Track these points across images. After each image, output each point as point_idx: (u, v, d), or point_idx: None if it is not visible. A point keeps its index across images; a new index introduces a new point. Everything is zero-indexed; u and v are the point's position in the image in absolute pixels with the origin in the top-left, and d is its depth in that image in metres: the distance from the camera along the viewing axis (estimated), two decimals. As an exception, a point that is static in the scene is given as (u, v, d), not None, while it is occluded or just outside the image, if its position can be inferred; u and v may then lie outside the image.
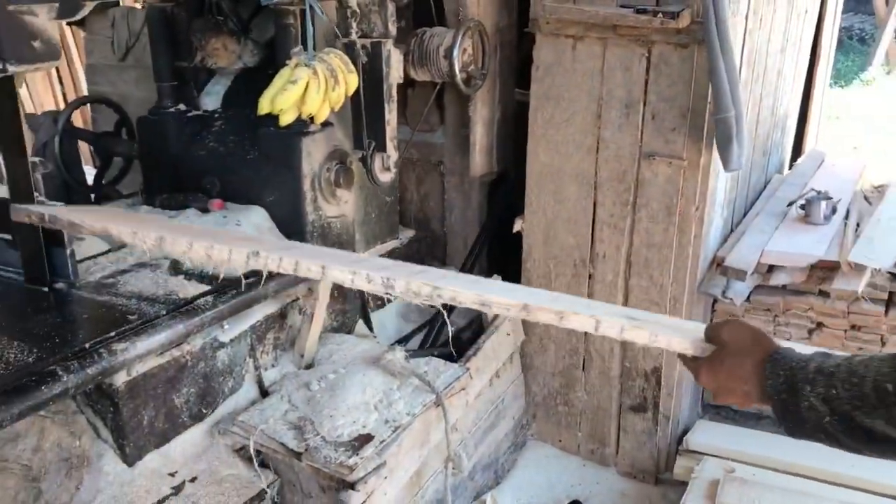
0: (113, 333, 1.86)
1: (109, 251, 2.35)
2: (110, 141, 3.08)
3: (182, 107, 2.79)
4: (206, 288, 2.13)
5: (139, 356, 1.87)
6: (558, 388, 3.08)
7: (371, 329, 2.95)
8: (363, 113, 2.45)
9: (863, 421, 0.99)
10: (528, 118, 2.84)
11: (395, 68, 2.43)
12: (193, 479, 2.14)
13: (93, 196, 3.10)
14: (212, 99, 2.82)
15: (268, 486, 2.24)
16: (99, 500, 2.01)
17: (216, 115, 2.77)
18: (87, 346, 1.80)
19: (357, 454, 2.08)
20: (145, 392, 2.04)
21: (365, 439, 2.15)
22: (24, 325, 1.91)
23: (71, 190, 3.00)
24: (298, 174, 2.48)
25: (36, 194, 2.00)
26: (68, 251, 2.09)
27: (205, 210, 2.57)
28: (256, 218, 2.54)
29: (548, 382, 3.09)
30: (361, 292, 2.89)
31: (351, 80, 2.30)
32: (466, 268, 3.18)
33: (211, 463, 2.20)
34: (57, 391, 1.68)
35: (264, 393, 2.40)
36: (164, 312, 1.98)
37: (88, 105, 3.95)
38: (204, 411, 2.23)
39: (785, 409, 1.07)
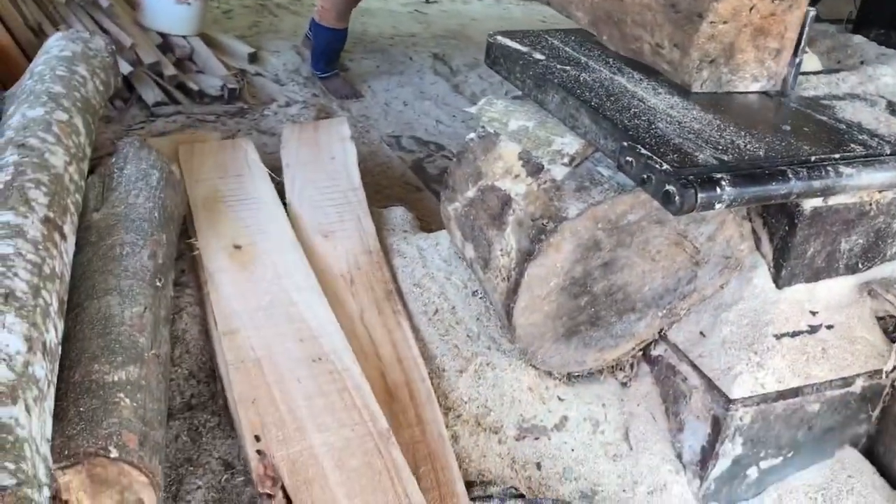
0: (837, 156, 1.77)
1: (821, 72, 2.24)
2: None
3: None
4: (935, 140, 1.91)
5: (858, 187, 1.77)
6: None
7: None
8: None
9: None
10: None
11: None
12: (830, 327, 2.06)
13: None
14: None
15: (891, 371, 2.08)
16: (739, 307, 2.05)
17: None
18: (812, 158, 1.74)
19: None
20: (822, 225, 1.96)
21: None
22: (746, 119, 1.91)
23: None
24: None
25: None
26: (797, 60, 2.02)
27: (927, 58, 2.30)
28: None
29: None
30: None
31: None
32: None
33: (850, 319, 2.08)
34: (783, 191, 1.66)
35: (921, 273, 2.18)
36: (889, 152, 1.83)
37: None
38: (860, 266, 2.09)
39: None
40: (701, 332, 2.07)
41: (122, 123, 3.67)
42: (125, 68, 3.77)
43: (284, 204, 2.74)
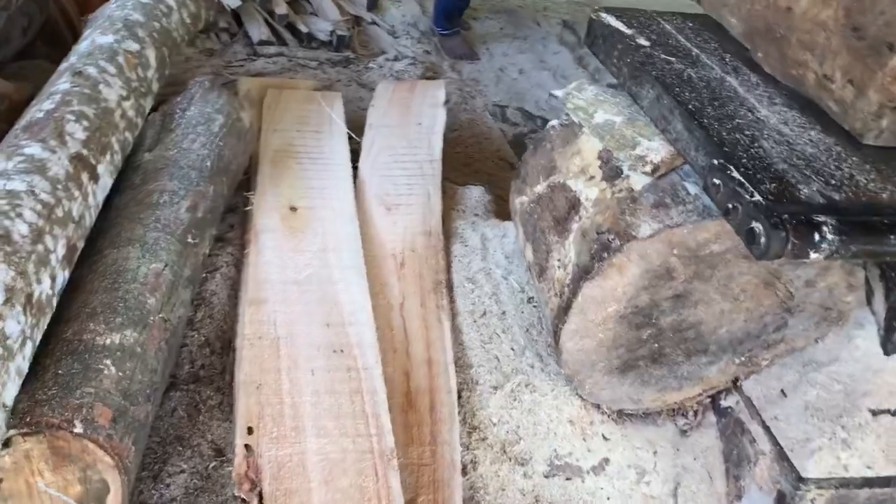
0: None
1: None
2: None
3: None
4: None
5: None
6: None
7: None
8: None
9: None
10: None
11: None
12: (945, 412, 1.70)
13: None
14: None
15: None
16: (833, 368, 1.73)
17: None
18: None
19: None
20: (956, 289, 1.59)
21: None
22: (877, 150, 1.56)
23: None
24: None
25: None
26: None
27: None
28: None
29: None
30: None
31: None
32: None
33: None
34: (902, 249, 1.33)
35: None
36: None
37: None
38: None
39: None
40: (782, 391, 1.76)
41: (224, 58, 3.57)
42: (234, 2, 3.66)
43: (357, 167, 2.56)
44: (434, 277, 2.11)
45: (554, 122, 2.01)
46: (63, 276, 1.62)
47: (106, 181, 1.90)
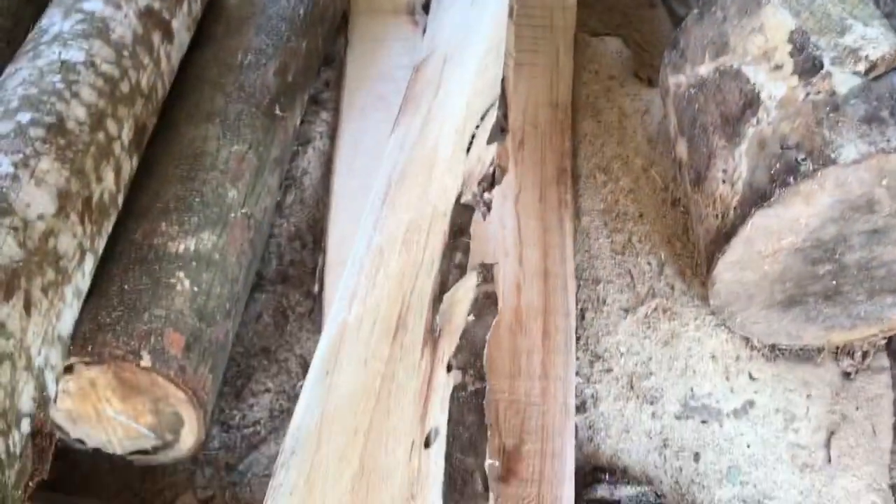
0: None
1: None
2: None
3: None
4: None
5: None
6: None
7: None
8: None
9: None
10: None
11: None
12: None
13: None
14: None
15: None
16: None
17: None
18: None
19: None
20: None
21: None
22: None
23: None
24: None
25: None
26: None
27: None
28: None
29: None
30: None
31: None
32: None
33: None
34: None
35: None
36: None
37: None
38: None
39: None
40: None
41: None
42: None
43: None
44: (558, 163, 1.79)
45: (729, -19, 1.58)
46: (131, 164, 1.38)
47: (183, 38, 1.62)
